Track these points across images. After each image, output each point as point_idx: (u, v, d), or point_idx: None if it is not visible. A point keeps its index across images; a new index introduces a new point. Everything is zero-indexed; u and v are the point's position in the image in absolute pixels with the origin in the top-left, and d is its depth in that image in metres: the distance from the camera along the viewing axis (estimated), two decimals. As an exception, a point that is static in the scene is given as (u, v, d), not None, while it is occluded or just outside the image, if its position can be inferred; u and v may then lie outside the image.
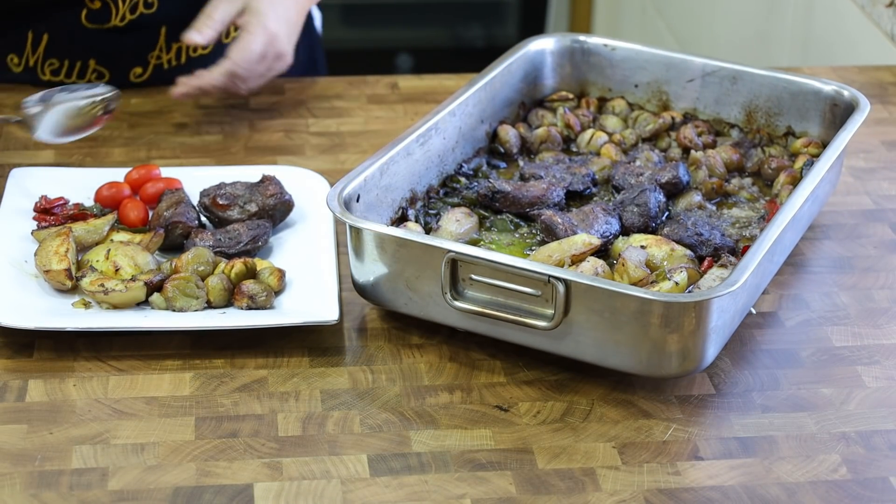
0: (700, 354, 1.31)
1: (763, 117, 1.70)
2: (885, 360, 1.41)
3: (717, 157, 1.63)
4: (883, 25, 2.17)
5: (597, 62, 1.77)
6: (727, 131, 1.72)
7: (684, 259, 1.43)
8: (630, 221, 1.51)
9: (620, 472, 1.25)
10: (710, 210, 1.57)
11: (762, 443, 1.30)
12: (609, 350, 1.32)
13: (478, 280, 1.35)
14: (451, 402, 1.34)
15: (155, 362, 1.38)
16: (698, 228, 1.48)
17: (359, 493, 1.22)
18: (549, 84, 1.78)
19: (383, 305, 1.42)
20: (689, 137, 1.68)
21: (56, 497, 1.21)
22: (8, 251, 1.47)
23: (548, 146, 1.69)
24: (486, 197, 1.55)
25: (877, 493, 1.24)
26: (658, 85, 1.75)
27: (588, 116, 1.74)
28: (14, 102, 1.85)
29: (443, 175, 1.60)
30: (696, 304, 1.28)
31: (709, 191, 1.59)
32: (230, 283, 1.43)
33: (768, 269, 1.45)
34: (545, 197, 1.54)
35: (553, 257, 1.43)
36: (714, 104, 1.73)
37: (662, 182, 1.57)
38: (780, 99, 1.69)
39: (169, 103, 1.86)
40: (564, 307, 1.31)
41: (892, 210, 1.68)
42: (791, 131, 1.68)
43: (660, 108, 1.75)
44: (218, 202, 1.54)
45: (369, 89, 1.93)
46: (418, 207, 1.55)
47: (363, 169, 1.45)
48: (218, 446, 1.27)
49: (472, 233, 1.51)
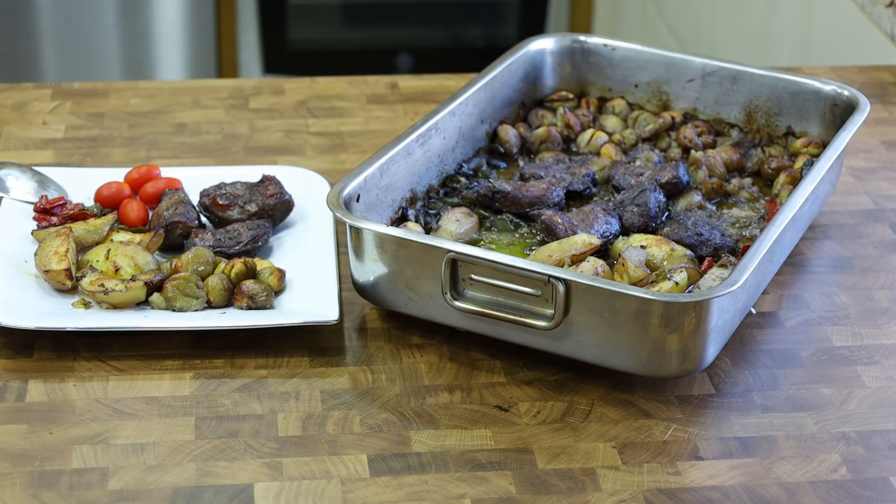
0: (700, 354, 1.31)
1: (763, 117, 1.70)
2: (885, 360, 1.41)
3: (718, 157, 1.63)
4: (883, 25, 2.17)
5: (597, 62, 1.78)
6: (727, 131, 1.72)
7: (684, 259, 1.43)
8: (630, 221, 1.51)
9: (620, 472, 1.25)
10: (710, 210, 1.57)
11: (762, 443, 1.30)
12: (609, 350, 1.32)
13: (478, 280, 1.35)
14: (451, 402, 1.34)
15: (155, 362, 1.38)
16: (698, 228, 1.48)
17: (359, 493, 1.22)
18: (550, 84, 1.78)
19: (383, 305, 1.42)
20: (689, 137, 1.68)
21: (56, 497, 1.21)
22: (8, 251, 1.47)
23: (548, 146, 1.69)
24: (486, 197, 1.55)
25: (877, 493, 1.24)
26: (658, 85, 1.75)
27: (588, 116, 1.74)
28: (14, 102, 1.85)
29: (443, 175, 1.60)
30: (696, 304, 1.28)
31: (709, 191, 1.59)
32: (230, 283, 1.43)
33: (768, 269, 1.45)
34: (545, 197, 1.54)
35: (553, 257, 1.43)
36: (714, 104, 1.73)
37: (662, 182, 1.57)
38: (779, 99, 1.69)
39: (169, 103, 1.86)
40: (564, 307, 1.31)
41: (892, 210, 1.68)
42: (791, 131, 1.69)
43: (660, 108, 1.76)
44: (218, 202, 1.54)
45: (369, 89, 1.93)
46: (418, 207, 1.55)
47: (363, 169, 1.45)
48: (218, 446, 1.27)
49: (473, 233, 1.51)
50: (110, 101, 1.87)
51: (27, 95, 1.88)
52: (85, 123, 1.81)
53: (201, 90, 1.90)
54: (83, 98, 1.88)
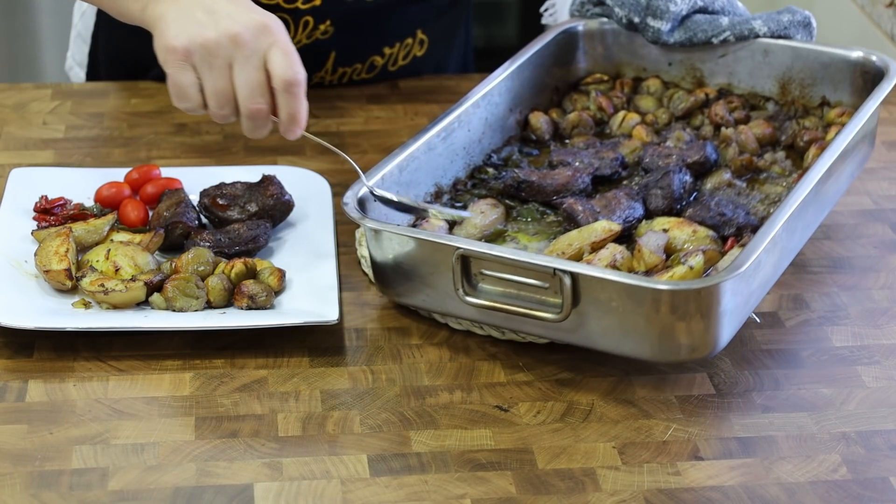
0: (713, 338, 1.30)
1: (797, 88, 1.67)
2: (885, 360, 1.41)
3: (749, 133, 1.60)
4: (883, 25, 2.17)
5: (628, 42, 1.74)
6: (762, 105, 1.69)
7: (707, 240, 1.41)
8: (654, 205, 1.49)
9: (620, 472, 1.25)
10: (739, 188, 1.54)
11: (762, 443, 1.30)
12: (620, 339, 1.31)
13: (488, 275, 1.34)
14: (451, 402, 1.34)
15: (155, 362, 1.38)
16: (721, 208, 1.45)
17: (359, 493, 1.22)
18: (583, 67, 1.76)
19: (404, 302, 1.42)
20: (721, 114, 1.65)
21: (56, 497, 1.21)
22: (8, 251, 1.47)
23: (580, 131, 1.67)
24: (512, 187, 1.54)
25: (877, 493, 1.24)
26: (691, 62, 1.72)
27: (622, 98, 1.71)
28: (14, 102, 1.85)
29: (470, 167, 1.59)
30: (698, 291, 1.26)
31: (738, 168, 1.56)
32: (230, 283, 1.43)
33: (788, 245, 1.42)
34: (570, 184, 1.53)
35: (573, 245, 1.41)
36: (748, 78, 1.70)
37: (690, 162, 1.54)
38: (812, 69, 1.65)
39: (169, 103, 1.86)
40: (573, 298, 1.30)
41: (892, 210, 1.68)
42: (826, 101, 1.65)
43: (694, 84, 1.72)
44: (218, 202, 1.54)
45: (369, 89, 1.93)
46: (444, 201, 1.54)
47: (381, 167, 1.45)
48: (218, 446, 1.27)
49: (498, 224, 1.50)
50: (110, 101, 1.87)
51: (27, 95, 1.88)
52: (85, 123, 1.81)
53: (201, 90, 1.90)
54: (83, 98, 1.88)
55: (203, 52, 1.38)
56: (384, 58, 1.91)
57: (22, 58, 3.37)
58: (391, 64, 1.93)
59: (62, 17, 3.39)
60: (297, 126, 1.42)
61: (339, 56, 1.88)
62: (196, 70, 1.39)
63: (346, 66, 1.90)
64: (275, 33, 1.40)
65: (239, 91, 1.39)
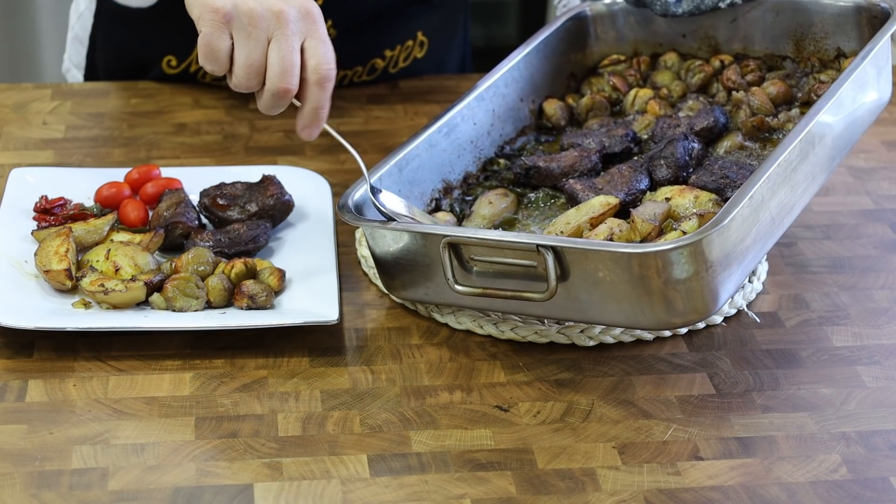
0: (703, 301, 1.28)
1: (811, 43, 1.65)
2: (885, 360, 1.41)
3: (762, 94, 1.58)
4: (883, 25, 2.17)
5: (639, 20, 1.73)
6: (780, 64, 1.67)
7: (710, 204, 1.39)
8: (660, 175, 1.47)
9: (620, 472, 1.25)
10: (751, 149, 1.53)
11: (762, 443, 1.30)
12: (614, 308, 1.30)
13: (479, 260, 1.34)
14: (451, 402, 1.34)
15: (155, 362, 1.38)
16: (725, 171, 1.44)
17: (359, 493, 1.22)
18: (597, 50, 1.74)
19: (409, 298, 1.42)
20: (732, 78, 1.63)
21: (56, 497, 1.21)
22: (8, 251, 1.47)
23: (595, 113, 1.65)
24: (521, 175, 1.53)
25: (877, 493, 1.24)
26: (704, 31, 1.70)
27: (636, 75, 1.70)
28: (14, 102, 1.85)
29: (480, 160, 1.59)
30: (671, 251, 1.24)
31: (749, 129, 1.54)
32: (230, 283, 1.43)
33: (790, 198, 1.38)
34: (577, 165, 1.51)
35: (571, 224, 1.40)
36: (762, 39, 1.67)
37: (698, 129, 1.53)
38: (822, 22, 1.63)
39: (169, 103, 1.86)
40: (560, 273, 1.30)
41: (892, 210, 1.68)
42: (842, 52, 1.63)
43: (711, 53, 1.70)
44: (218, 202, 1.54)
45: (369, 90, 1.93)
46: (455, 196, 1.54)
47: (380, 167, 1.45)
48: (218, 446, 1.27)
49: (508, 213, 1.50)
50: (110, 101, 1.87)
51: (27, 95, 1.88)
52: (85, 123, 1.81)
53: (201, 90, 1.90)
54: (83, 98, 1.88)
55: (245, 20, 1.37)
56: (385, 60, 1.91)
57: (22, 58, 3.37)
58: (392, 66, 1.93)
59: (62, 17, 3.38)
60: (319, 120, 1.40)
61: (341, 59, 1.87)
62: (232, 36, 1.38)
63: (347, 68, 1.90)
64: (317, 21, 1.39)
65: (271, 67, 1.37)
